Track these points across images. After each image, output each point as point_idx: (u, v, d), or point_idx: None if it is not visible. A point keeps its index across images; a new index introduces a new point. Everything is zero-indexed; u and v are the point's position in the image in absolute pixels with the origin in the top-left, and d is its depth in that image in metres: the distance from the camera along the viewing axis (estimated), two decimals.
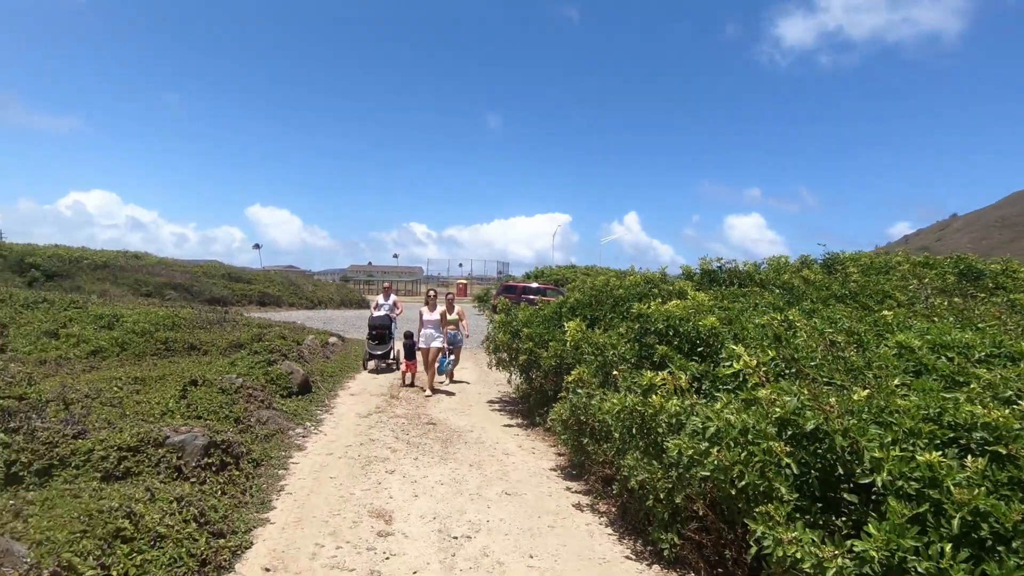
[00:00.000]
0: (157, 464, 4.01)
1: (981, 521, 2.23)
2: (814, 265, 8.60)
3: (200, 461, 4.20)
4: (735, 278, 7.80)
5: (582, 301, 7.46)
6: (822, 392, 2.94)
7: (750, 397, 3.07)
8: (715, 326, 4.52)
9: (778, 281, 6.94)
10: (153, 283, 27.08)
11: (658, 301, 5.26)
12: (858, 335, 4.21)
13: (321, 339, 12.97)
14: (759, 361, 3.30)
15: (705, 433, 2.90)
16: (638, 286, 7.54)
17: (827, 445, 2.70)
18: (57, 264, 27.40)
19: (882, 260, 8.27)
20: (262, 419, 6.12)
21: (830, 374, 3.55)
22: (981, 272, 7.62)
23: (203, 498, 3.72)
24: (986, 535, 2.23)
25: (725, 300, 6.20)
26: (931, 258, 8.33)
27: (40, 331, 12.08)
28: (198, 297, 26.66)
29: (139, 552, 2.85)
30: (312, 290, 33.22)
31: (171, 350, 11.07)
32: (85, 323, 12.68)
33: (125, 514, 3.01)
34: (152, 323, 12.31)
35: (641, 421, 3.72)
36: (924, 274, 7.29)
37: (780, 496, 2.67)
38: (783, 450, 2.67)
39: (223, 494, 4.01)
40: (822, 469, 2.79)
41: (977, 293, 6.85)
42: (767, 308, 5.40)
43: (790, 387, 3.00)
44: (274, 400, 7.06)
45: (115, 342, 11.17)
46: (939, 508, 2.33)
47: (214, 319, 13.90)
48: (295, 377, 8.06)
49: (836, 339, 3.93)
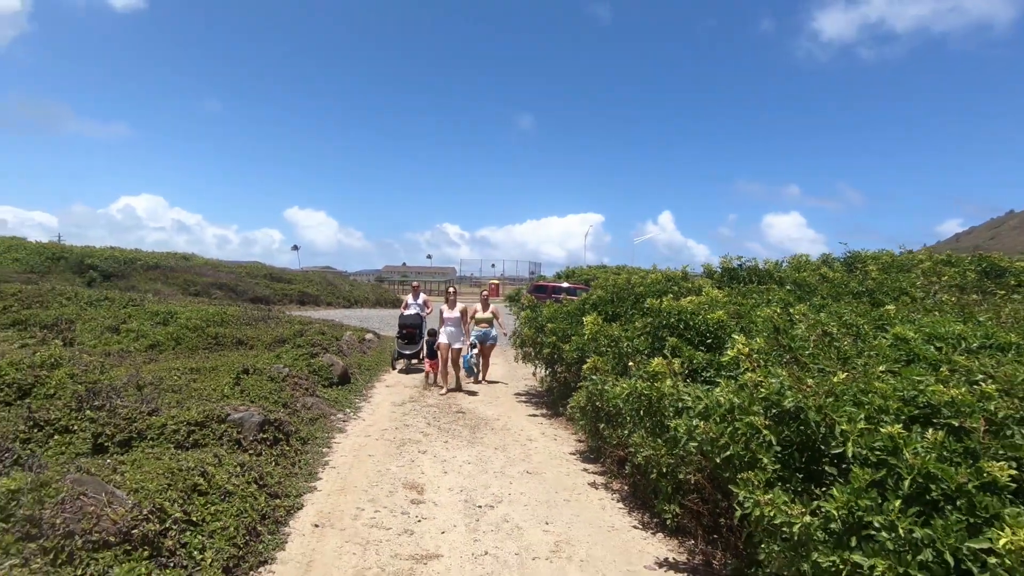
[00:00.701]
0: (220, 437, 4.58)
1: (931, 483, 2.54)
2: (836, 263, 8.74)
3: (256, 436, 4.76)
4: (755, 276, 8.04)
5: (604, 298, 7.82)
6: (803, 375, 3.27)
7: (743, 381, 3.42)
8: (722, 319, 4.85)
9: (797, 278, 7.15)
10: (201, 283, 28.46)
11: (670, 297, 5.60)
12: (856, 327, 4.48)
13: (359, 335, 13.64)
14: (751, 349, 3.63)
15: (695, 409, 3.27)
16: (658, 284, 7.86)
17: (804, 421, 3.04)
18: (113, 265, 29.09)
19: (903, 258, 8.36)
20: (307, 405, 6.69)
21: (822, 361, 3.85)
22: (1004, 270, 7.65)
23: (261, 466, 4.27)
24: (936, 496, 2.55)
25: (740, 296, 6.48)
26: (953, 256, 8.36)
27: (103, 327, 13.10)
28: (242, 296, 27.89)
29: (212, 503, 3.39)
30: (348, 290, 34.31)
31: (220, 344, 11.84)
32: (143, 319, 13.64)
33: (199, 473, 3.56)
34: (203, 320, 13.15)
35: (648, 404, 4.10)
36: (944, 271, 7.39)
37: (763, 465, 3.02)
38: (763, 423, 3.02)
39: (276, 464, 4.56)
40: (802, 443, 3.13)
41: (997, 290, 6.93)
42: (777, 303, 5.67)
43: (776, 371, 3.34)
44: (317, 389, 7.65)
45: (170, 337, 12.02)
46: (898, 474, 2.65)
47: (258, 316, 14.73)
48: (335, 369, 8.66)
49: (831, 330, 4.22)
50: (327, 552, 3.44)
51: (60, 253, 30.32)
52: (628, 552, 3.67)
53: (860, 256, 8.71)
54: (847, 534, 2.59)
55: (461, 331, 8.76)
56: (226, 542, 3.13)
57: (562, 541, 3.77)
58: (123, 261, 29.71)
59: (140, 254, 32.41)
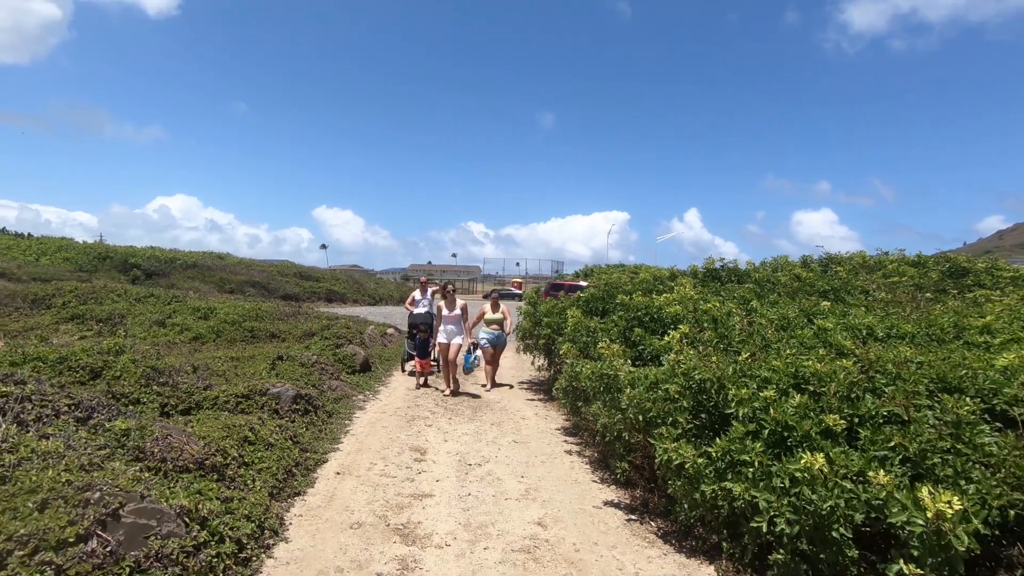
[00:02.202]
0: (262, 407, 5.63)
1: (786, 432, 3.40)
2: (814, 265, 9.45)
3: (290, 407, 5.80)
4: (733, 276, 8.82)
5: (595, 295, 8.69)
6: (714, 355, 4.14)
7: (669, 360, 4.30)
8: (678, 312, 5.72)
9: (763, 278, 7.93)
10: (235, 281, 30.08)
11: (639, 293, 6.47)
12: (787, 319, 5.30)
13: (380, 330, 14.75)
14: (681, 335, 4.51)
15: (626, 381, 4.17)
16: (646, 283, 8.71)
17: (709, 390, 3.92)
18: (155, 264, 30.94)
19: (874, 260, 9.03)
20: (332, 387, 7.75)
21: (748, 346, 4.70)
22: (967, 271, 8.29)
23: (294, 429, 5.31)
24: (792, 442, 3.40)
25: (710, 293, 7.31)
26: (923, 258, 9.00)
27: (151, 320, 14.45)
28: (273, 294, 29.40)
29: (259, 451, 4.42)
30: (374, 288, 35.69)
31: (256, 337, 13.04)
32: (186, 314, 14.94)
33: (249, 429, 4.60)
34: (240, 315, 14.40)
35: (608, 381, 5.00)
36: (906, 271, 8.08)
37: (678, 423, 3.91)
38: (676, 391, 3.91)
39: (306, 429, 5.59)
40: (710, 406, 4.01)
41: (952, 290, 7.60)
42: (736, 300, 6.50)
43: (693, 353, 4.21)
44: (341, 374, 8.71)
45: (211, 330, 13.27)
46: (765, 425, 3.52)
47: (289, 312, 15.94)
48: (357, 358, 9.73)
49: (761, 321, 5.04)
50: (345, 490, 4.44)
51: (106, 253, 32.32)
52: (583, 497, 4.59)
53: (835, 258, 9.41)
54: (726, 469, 3.47)
55: (461, 329, 8.46)
56: (270, 476, 4.15)
57: (531, 488, 4.70)
58: (163, 260, 31.54)
59: (179, 254, 34.29)
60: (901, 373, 3.63)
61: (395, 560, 3.40)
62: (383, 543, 3.61)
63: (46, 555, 2.35)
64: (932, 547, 2.44)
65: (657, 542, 3.86)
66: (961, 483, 2.72)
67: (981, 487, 2.65)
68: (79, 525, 2.51)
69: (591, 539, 3.84)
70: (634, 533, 3.98)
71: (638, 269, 34.32)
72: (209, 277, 30.40)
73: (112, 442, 3.55)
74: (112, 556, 2.51)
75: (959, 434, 2.97)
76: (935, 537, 2.42)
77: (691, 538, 3.84)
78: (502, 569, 3.36)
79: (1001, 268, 8.22)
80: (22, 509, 2.51)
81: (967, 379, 3.47)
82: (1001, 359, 3.56)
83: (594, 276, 34.16)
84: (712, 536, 3.69)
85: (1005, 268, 8.22)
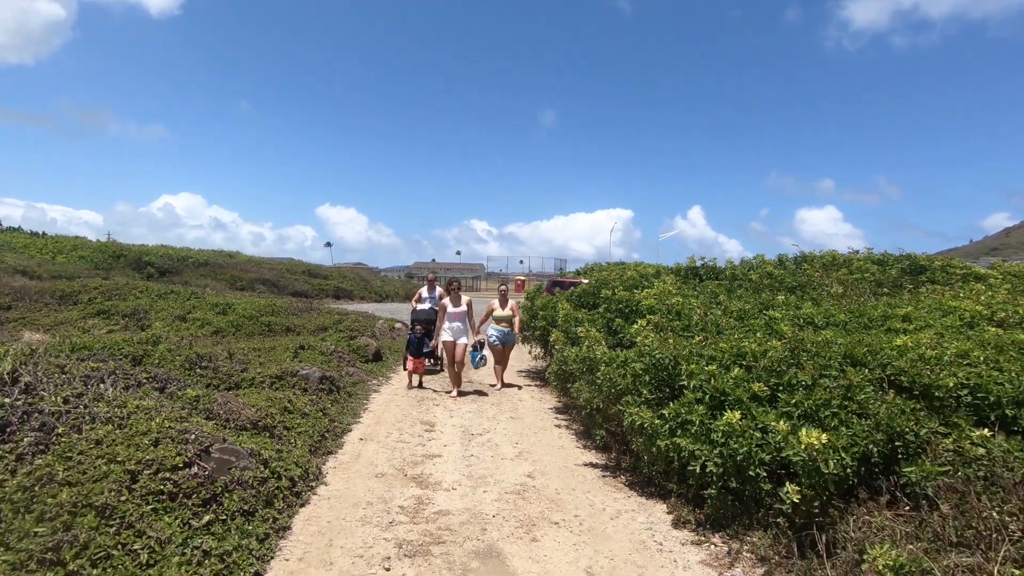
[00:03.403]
0: (293, 386, 6.53)
1: (723, 396, 4.27)
2: (788, 263, 10.31)
3: (317, 386, 6.71)
4: (712, 273, 9.69)
5: (587, 290, 9.57)
6: (673, 338, 5.02)
7: (638, 343, 5.19)
8: (653, 305, 6.59)
9: (735, 274, 8.80)
10: (246, 278, 31.04)
11: (620, 288, 7.36)
12: (743, 311, 6.17)
13: (389, 324, 15.65)
14: (647, 322, 5.39)
15: (603, 360, 5.06)
16: (633, 279, 9.57)
17: (667, 367, 4.79)
18: (167, 262, 31.93)
19: (842, 258, 9.89)
20: (349, 372, 8.65)
21: (705, 332, 5.58)
22: (924, 268, 9.13)
23: (322, 403, 6.22)
24: (728, 403, 4.28)
25: (687, 289, 8.17)
26: (888, 256, 9.84)
27: (173, 315, 15.37)
28: (283, 291, 30.34)
29: (296, 418, 5.32)
30: (380, 285, 36.64)
31: (272, 331, 13.93)
32: (205, 310, 15.85)
33: (287, 400, 5.50)
34: (257, 310, 15.31)
35: (589, 363, 5.88)
36: (868, 268, 8.93)
37: (641, 393, 4.79)
38: (641, 368, 4.79)
39: (332, 405, 6.50)
40: (669, 380, 4.88)
41: (907, 285, 8.45)
42: (707, 295, 7.37)
43: (655, 337, 5.09)
44: (356, 363, 9.61)
45: (231, 324, 14.17)
46: (707, 392, 4.39)
47: (303, 308, 16.86)
48: (370, 348, 10.63)
49: (718, 312, 5.91)
50: (368, 451, 5.34)
51: (119, 251, 33.33)
52: (567, 458, 5.49)
53: (807, 256, 10.27)
54: (677, 428, 4.34)
55: (466, 326, 8.15)
56: (308, 438, 5.06)
57: (524, 451, 5.60)
58: (176, 259, 32.54)
59: (191, 252, 35.33)
60: (820, 351, 4.50)
61: (412, 498, 4.30)
62: (402, 487, 4.51)
63: (164, 474, 3.26)
64: (809, 471, 3.32)
65: (624, 489, 4.75)
66: (842, 429, 3.59)
67: (855, 431, 3.53)
68: (184, 455, 3.41)
69: (570, 486, 4.73)
70: (606, 483, 4.87)
71: (627, 267, 35.33)
72: (221, 275, 31.34)
73: (188, 405, 4.46)
74: (209, 478, 3.41)
75: (851, 395, 3.85)
76: (811, 463, 3.30)
77: (651, 486, 4.72)
78: (498, 505, 4.25)
79: (954, 266, 9.05)
80: (141, 444, 3.42)
81: (869, 355, 4.34)
82: (898, 340, 4.43)
83: (591, 273, 35.27)
84: (667, 484, 4.57)
85: (957, 266, 9.06)
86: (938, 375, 3.85)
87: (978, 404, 3.79)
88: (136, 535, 2.88)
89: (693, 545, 3.75)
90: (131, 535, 2.88)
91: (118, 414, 3.72)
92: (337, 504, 4.10)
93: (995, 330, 4.95)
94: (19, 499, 2.93)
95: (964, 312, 5.48)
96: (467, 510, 4.13)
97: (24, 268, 24.17)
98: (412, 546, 3.53)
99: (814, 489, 3.37)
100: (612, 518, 4.16)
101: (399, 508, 4.10)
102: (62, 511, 2.86)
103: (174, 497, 3.20)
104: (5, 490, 2.96)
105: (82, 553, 2.69)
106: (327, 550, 3.43)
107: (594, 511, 4.26)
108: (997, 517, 2.84)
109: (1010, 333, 4.77)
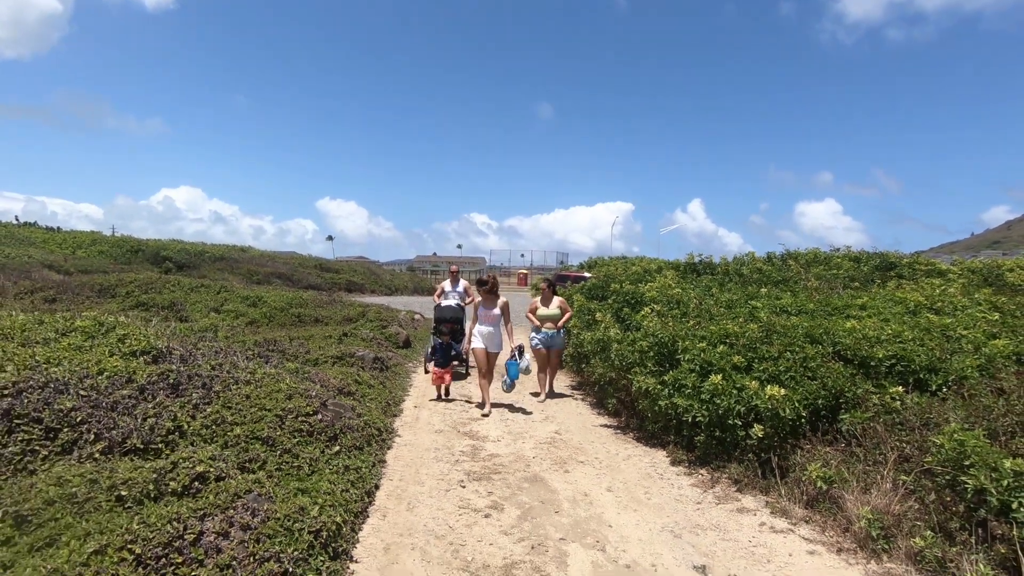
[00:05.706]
0: (351, 365, 7.75)
1: (710, 366, 5.49)
2: (775, 260, 11.53)
3: (371, 365, 7.93)
4: (707, 268, 10.91)
5: (596, 284, 10.80)
6: (674, 323, 6.23)
7: (644, 327, 6.41)
8: (654, 296, 7.81)
9: (728, 269, 10.02)
10: (262, 272, 32.21)
11: (627, 282, 8.58)
12: (731, 301, 7.38)
13: (409, 315, 16.88)
14: (650, 310, 6.61)
15: (615, 340, 6.28)
16: (637, 274, 10.80)
17: (666, 344, 6.01)
18: (185, 257, 33.08)
19: (823, 255, 11.11)
20: (389, 356, 9.87)
21: (699, 317, 6.79)
22: (894, 264, 10.35)
23: (380, 378, 7.44)
24: (714, 371, 5.49)
25: (685, 283, 9.39)
26: (864, 254, 11.06)
27: (207, 307, 16.55)
28: (297, 284, 31.50)
29: (365, 389, 6.55)
30: (389, 279, 37.84)
31: (302, 321, 15.12)
32: (236, 302, 16.99)
33: (356, 374, 6.72)
34: (286, 302, 16.48)
35: (603, 343, 7.10)
36: (843, 265, 10.15)
37: (646, 365, 6.00)
38: (646, 345, 6.01)
39: (386, 380, 7.72)
40: (669, 355, 6.10)
41: (877, 280, 9.66)
42: (701, 288, 8.58)
43: (658, 321, 6.30)
44: (391, 348, 10.84)
45: (264, 315, 15.35)
46: (698, 362, 5.60)
47: (326, 300, 18.04)
48: (400, 336, 11.86)
49: (709, 302, 7.12)
50: (424, 415, 6.57)
51: (138, 246, 34.44)
52: (584, 421, 6.72)
53: (793, 254, 11.50)
54: (674, 390, 5.56)
55: (500, 332, 6.93)
56: (377, 404, 6.29)
57: (550, 416, 6.83)
58: (193, 253, 33.71)
59: (207, 247, 36.48)
60: (787, 332, 5.72)
61: (468, 446, 5.53)
62: (458, 439, 5.74)
63: (302, 418, 4.48)
64: (771, 416, 4.54)
65: (632, 442, 5.98)
66: (799, 388, 4.81)
67: (807, 389, 4.75)
68: (311, 406, 4.63)
69: (590, 440, 5.97)
70: (618, 438, 6.11)
71: (631, 262, 36.57)
72: (237, 269, 32.48)
73: (291, 374, 5.68)
74: (331, 423, 4.63)
75: (806, 364, 5.07)
76: (773, 409, 4.53)
77: (654, 439, 5.95)
78: (535, 451, 5.48)
79: (920, 263, 10.26)
80: (279, 398, 4.64)
81: (824, 335, 5.56)
82: (848, 324, 5.64)
83: (597, 268, 36.62)
84: (666, 437, 5.79)
85: (923, 263, 10.26)
86: (872, 349, 5.08)
87: (903, 371, 5.02)
88: (293, 456, 4.11)
89: (686, 475, 4.99)
90: (289, 457, 4.10)
91: (253, 378, 4.94)
92: (413, 449, 5.33)
93: (931, 316, 6.17)
94: (205, 433, 4.15)
95: (910, 302, 6.70)
96: (512, 454, 5.36)
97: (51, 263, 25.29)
98: (477, 474, 4.76)
99: (775, 429, 4.60)
100: (624, 460, 5.39)
101: (460, 452, 5.34)
102: (239, 440, 4.08)
103: (311, 434, 4.42)
104: (193, 426, 4.18)
105: (264, 466, 3.91)
106: (416, 475, 4.66)
107: (610, 455, 5.49)
108: (897, 444, 4.08)
109: (940, 319, 6.00)
